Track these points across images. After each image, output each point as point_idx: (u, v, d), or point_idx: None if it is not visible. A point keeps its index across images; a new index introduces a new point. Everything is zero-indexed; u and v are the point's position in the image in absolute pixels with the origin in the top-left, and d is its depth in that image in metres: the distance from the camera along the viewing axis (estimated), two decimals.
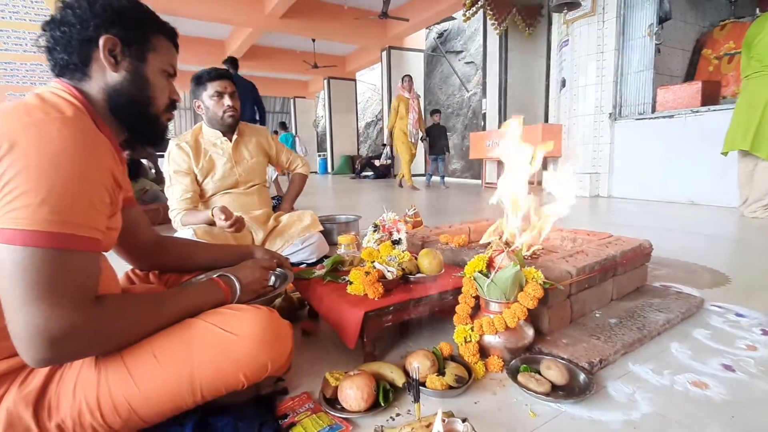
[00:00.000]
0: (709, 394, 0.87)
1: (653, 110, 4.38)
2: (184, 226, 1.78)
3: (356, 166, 11.27)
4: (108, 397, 0.66)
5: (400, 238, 1.34)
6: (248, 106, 4.42)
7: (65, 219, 0.60)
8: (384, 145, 10.36)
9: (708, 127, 3.74)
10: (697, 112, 3.87)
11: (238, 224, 1.65)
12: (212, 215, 1.69)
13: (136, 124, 0.83)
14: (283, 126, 10.64)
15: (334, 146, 13.12)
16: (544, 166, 6.22)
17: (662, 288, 1.48)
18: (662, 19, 4.26)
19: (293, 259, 1.96)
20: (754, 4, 4.56)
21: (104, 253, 0.85)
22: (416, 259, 1.22)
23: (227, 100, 1.86)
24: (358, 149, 13.54)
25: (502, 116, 6.63)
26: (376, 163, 10.35)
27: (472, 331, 0.97)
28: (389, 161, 6.48)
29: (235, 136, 1.97)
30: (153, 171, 4.48)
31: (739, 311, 1.31)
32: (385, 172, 10.10)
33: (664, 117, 4.19)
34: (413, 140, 6.35)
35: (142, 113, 0.82)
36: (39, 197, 0.57)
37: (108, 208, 0.70)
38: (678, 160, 4.06)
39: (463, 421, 0.70)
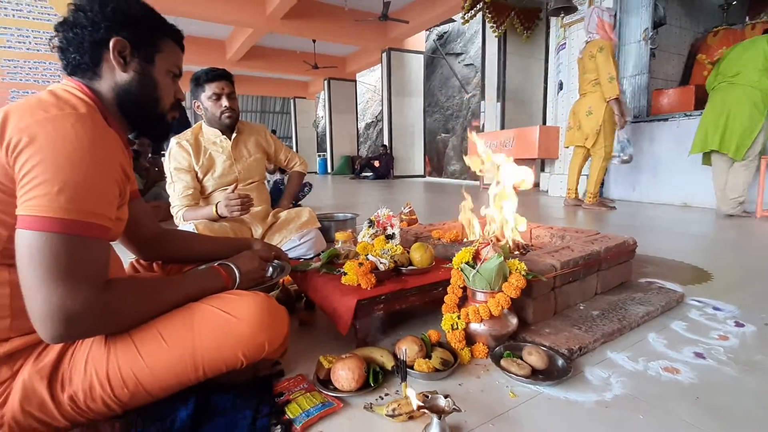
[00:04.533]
0: (679, 378, 0.93)
1: (648, 114, 4.44)
2: (186, 221, 1.83)
3: (356, 167, 11.32)
4: (117, 372, 0.72)
5: (393, 233, 1.39)
6: None
7: (80, 208, 0.65)
8: (384, 146, 10.40)
9: None
10: (690, 115, 3.93)
11: (247, 201, 1.73)
12: (216, 212, 1.75)
13: (144, 122, 0.89)
14: None
15: (334, 147, 13.20)
16: (542, 168, 6.31)
17: (646, 283, 1.54)
18: (657, 24, 4.33)
19: (291, 255, 2.01)
20: (743, 12, 4.66)
21: (111, 243, 0.90)
22: (408, 252, 1.27)
23: (225, 101, 1.90)
24: (358, 150, 13.62)
25: (501, 118, 6.71)
26: (376, 163, 10.42)
27: (459, 319, 1.03)
28: (630, 158, 3.83)
29: (234, 135, 2.02)
30: (156, 169, 4.52)
31: (717, 305, 1.37)
32: (384, 173, 10.17)
33: (658, 120, 4.25)
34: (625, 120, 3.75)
35: (150, 112, 0.88)
36: (56, 187, 0.63)
37: (117, 199, 0.75)
38: (671, 163, 4.13)
39: (445, 397, 0.75)
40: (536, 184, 6.26)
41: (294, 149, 15.45)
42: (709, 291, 1.52)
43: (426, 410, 0.72)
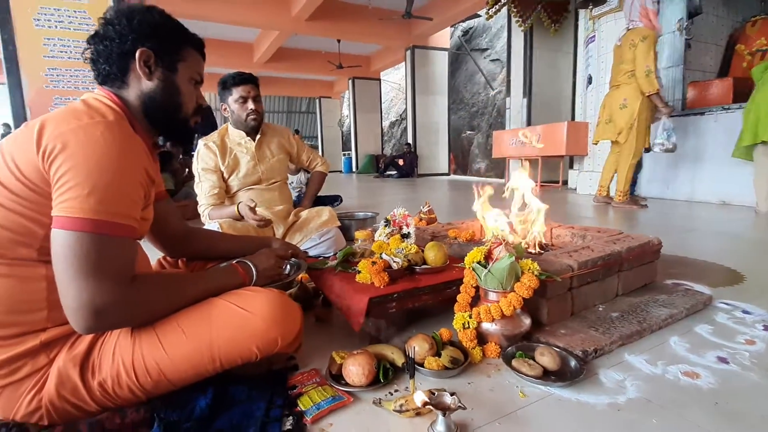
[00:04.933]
0: (699, 383, 0.90)
1: (683, 107, 4.25)
2: (212, 220, 1.91)
3: (380, 166, 11.35)
4: (141, 361, 0.77)
5: (408, 232, 1.40)
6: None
7: (108, 209, 0.70)
8: (408, 145, 10.36)
9: (739, 124, 3.61)
10: (728, 109, 3.73)
11: (264, 223, 1.78)
12: (238, 211, 1.82)
13: (168, 127, 0.94)
14: None
15: (359, 146, 13.27)
16: (571, 166, 6.14)
17: (672, 285, 1.49)
18: (692, 14, 4.12)
19: (312, 253, 2.05)
20: None
21: (138, 241, 0.96)
22: (423, 251, 1.28)
23: (251, 104, 1.97)
24: (383, 148, 13.65)
25: (527, 114, 6.56)
26: (400, 162, 10.40)
27: (470, 318, 1.03)
28: (674, 146, 3.49)
29: (258, 136, 2.08)
30: (186, 170, 4.70)
31: (747, 308, 1.31)
32: (408, 172, 10.15)
33: (694, 114, 4.06)
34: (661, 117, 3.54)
35: (173, 117, 0.93)
36: (86, 190, 0.68)
37: (142, 201, 0.80)
38: (708, 159, 3.93)
39: (452, 394, 0.76)
40: (564, 182, 6.10)
41: (319, 148, 15.69)
42: (740, 294, 1.45)
43: (431, 407, 0.73)
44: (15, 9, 2.85)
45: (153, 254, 1.10)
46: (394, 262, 1.17)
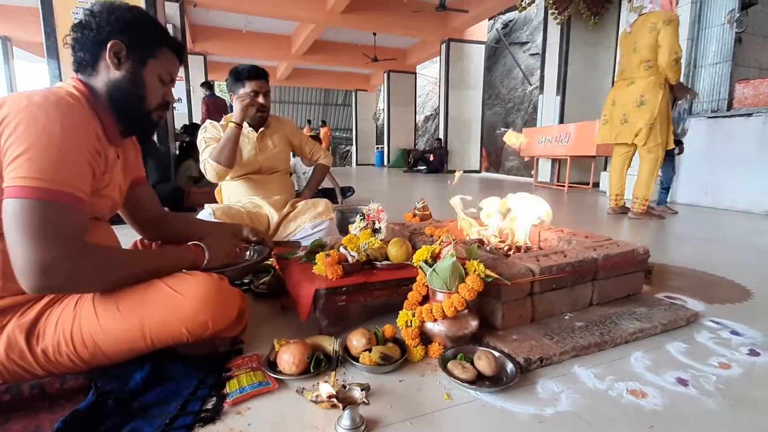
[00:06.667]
0: (642, 403, 0.85)
1: (729, 107, 3.92)
2: (213, 160, 1.88)
3: (409, 160, 11.28)
4: (79, 332, 0.83)
5: (380, 227, 1.40)
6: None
7: (51, 178, 0.74)
8: (438, 140, 10.21)
9: None
10: None
11: (250, 101, 1.91)
12: (234, 124, 1.89)
13: (129, 116, 0.98)
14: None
15: (392, 139, 13.24)
16: (604, 168, 5.83)
17: (658, 299, 1.39)
18: (746, 5, 3.77)
19: (304, 243, 2.09)
20: None
21: (108, 225, 1.02)
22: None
23: (261, 99, 2.02)
24: (415, 143, 13.55)
25: (560, 112, 6.29)
26: (431, 157, 10.29)
27: (413, 316, 1.02)
28: (682, 132, 3.50)
29: (261, 128, 2.14)
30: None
31: (738, 329, 1.20)
32: (437, 167, 10.03)
33: (741, 115, 3.73)
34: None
35: (135, 107, 0.97)
36: (29, 162, 0.73)
37: (90, 176, 0.83)
38: (754, 165, 3.60)
39: (362, 389, 0.77)
40: (595, 184, 5.81)
41: (354, 141, 15.81)
42: (737, 312, 1.34)
43: (335, 399, 0.74)
44: (57, 5, 3.08)
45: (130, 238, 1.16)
46: (351, 255, 1.17)
